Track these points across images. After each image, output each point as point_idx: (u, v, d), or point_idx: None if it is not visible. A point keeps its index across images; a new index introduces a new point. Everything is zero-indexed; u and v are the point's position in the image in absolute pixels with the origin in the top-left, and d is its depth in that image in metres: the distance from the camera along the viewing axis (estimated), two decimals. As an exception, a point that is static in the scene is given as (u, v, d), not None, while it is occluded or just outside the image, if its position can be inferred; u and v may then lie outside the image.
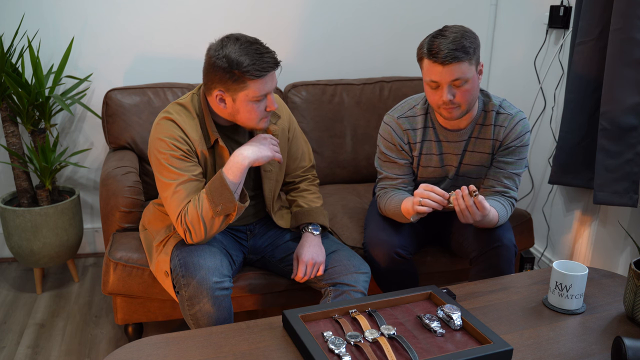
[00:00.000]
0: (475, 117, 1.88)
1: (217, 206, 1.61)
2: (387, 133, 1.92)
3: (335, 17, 2.81)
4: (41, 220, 2.35)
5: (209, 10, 2.66)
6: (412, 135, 1.91)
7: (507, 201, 1.90)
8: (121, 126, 2.37)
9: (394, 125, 1.92)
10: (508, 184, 1.90)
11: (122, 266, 1.89)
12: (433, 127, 1.91)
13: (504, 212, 1.85)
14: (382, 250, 1.89)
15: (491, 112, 1.88)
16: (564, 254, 2.57)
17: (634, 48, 1.98)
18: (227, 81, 1.60)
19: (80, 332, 2.25)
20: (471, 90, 1.73)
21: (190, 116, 1.71)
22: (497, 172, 1.91)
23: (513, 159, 1.89)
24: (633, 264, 1.49)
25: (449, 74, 1.67)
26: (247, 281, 1.93)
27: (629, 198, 2.09)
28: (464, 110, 1.77)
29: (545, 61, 2.61)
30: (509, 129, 1.87)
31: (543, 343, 1.41)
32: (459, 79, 1.68)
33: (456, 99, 1.72)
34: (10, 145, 2.39)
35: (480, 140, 1.90)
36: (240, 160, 1.63)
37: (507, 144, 1.88)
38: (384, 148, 1.94)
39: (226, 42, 1.60)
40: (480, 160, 1.93)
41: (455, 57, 1.65)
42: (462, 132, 1.89)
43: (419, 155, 1.93)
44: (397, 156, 1.93)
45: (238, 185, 1.64)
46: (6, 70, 2.26)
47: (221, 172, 1.63)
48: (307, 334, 1.34)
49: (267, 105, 1.67)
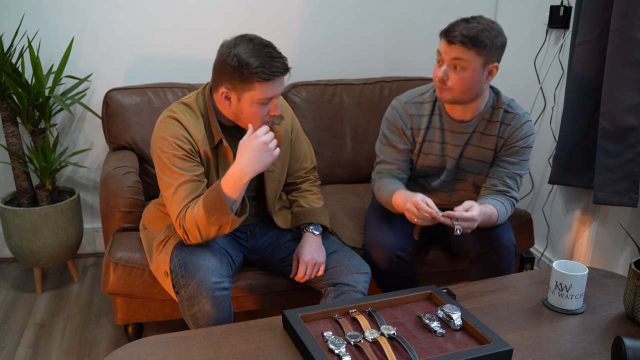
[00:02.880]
0: (483, 112, 1.89)
1: (211, 217, 1.59)
2: (393, 117, 1.95)
3: (335, 17, 2.81)
4: (41, 220, 2.35)
5: (209, 11, 2.66)
6: (417, 121, 1.93)
7: (508, 201, 1.90)
8: (121, 126, 2.37)
9: (400, 110, 1.94)
10: (510, 183, 1.90)
11: (122, 266, 1.89)
12: (440, 114, 1.91)
13: (503, 211, 1.85)
14: (382, 252, 1.89)
15: (499, 110, 1.89)
16: (564, 254, 2.57)
17: (634, 48, 1.98)
18: (234, 80, 1.60)
19: (80, 332, 2.25)
20: (468, 80, 1.74)
21: (195, 116, 1.71)
22: (499, 171, 1.91)
23: (517, 160, 1.90)
24: (633, 264, 1.49)
25: (451, 51, 1.71)
26: (247, 281, 1.93)
27: (629, 198, 2.09)
28: (454, 96, 1.78)
29: (545, 61, 2.61)
30: (515, 128, 1.88)
31: (543, 343, 1.41)
32: (459, 59, 1.71)
33: (449, 81, 1.75)
34: (10, 145, 2.39)
35: (485, 136, 1.91)
36: (240, 175, 1.57)
37: (512, 143, 1.89)
38: (387, 131, 1.95)
39: (240, 41, 1.60)
40: (483, 156, 1.93)
41: (462, 42, 1.69)
42: (467, 124, 1.89)
43: (422, 142, 1.94)
44: (398, 140, 1.94)
45: (234, 201, 1.60)
46: (6, 70, 2.26)
47: (218, 185, 1.58)
48: (307, 334, 1.34)
49: (271, 109, 1.66)
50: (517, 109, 1.91)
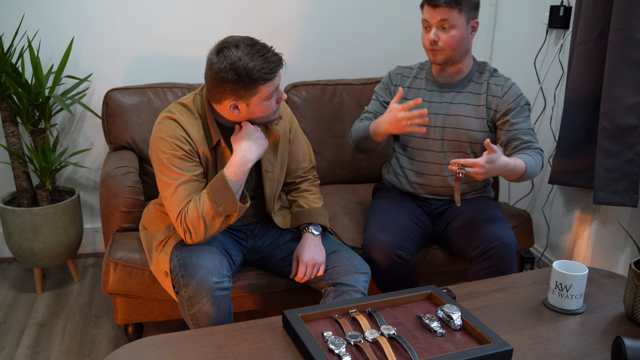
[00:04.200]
0: (469, 75, 2.06)
1: (218, 206, 1.61)
2: (385, 77, 2.21)
3: (335, 17, 2.81)
4: (41, 220, 2.35)
5: (209, 11, 2.67)
6: (400, 80, 2.16)
7: (534, 151, 1.96)
8: (121, 126, 2.37)
9: (391, 71, 2.20)
10: (528, 138, 1.99)
11: (122, 266, 1.89)
12: (426, 78, 2.11)
13: (530, 160, 1.90)
14: (382, 251, 1.89)
15: (486, 72, 2.07)
16: (564, 254, 2.57)
17: (634, 48, 1.98)
18: (238, 91, 1.60)
19: (80, 332, 2.25)
20: (457, 37, 1.93)
21: (193, 116, 1.71)
22: (513, 134, 2.00)
23: (522, 117, 2.00)
24: (633, 264, 1.49)
25: (437, 14, 1.91)
26: (247, 281, 1.93)
27: (629, 198, 2.09)
28: (447, 55, 1.96)
29: (545, 61, 2.61)
30: (507, 88, 2.02)
31: (543, 343, 1.41)
32: (445, 20, 1.90)
33: (440, 41, 1.94)
34: (10, 145, 2.39)
35: (473, 94, 2.05)
36: (243, 161, 1.64)
37: (511, 102, 2.00)
38: (377, 88, 2.21)
39: (226, 52, 1.57)
40: (475, 113, 2.02)
41: (446, 2, 1.88)
42: (453, 84, 2.07)
43: (403, 98, 2.10)
44: (382, 94, 2.17)
45: (240, 185, 1.65)
46: (6, 70, 2.26)
47: (222, 173, 1.63)
48: (307, 334, 1.34)
49: (278, 97, 1.69)
50: (502, 75, 2.07)
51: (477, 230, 1.93)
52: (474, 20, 1.96)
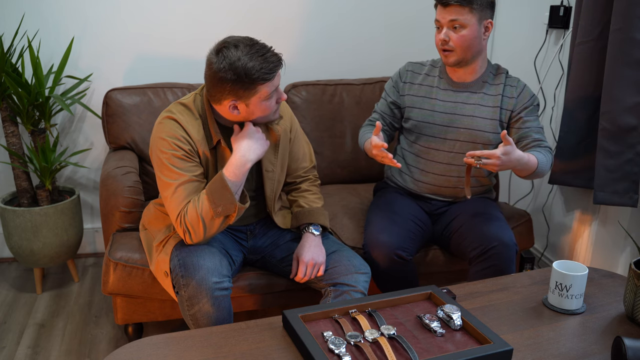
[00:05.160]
0: (483, 75, 2.04)
1: (217, 207, 1.61)
2: (395, 74, 2.18)
3: (335, 17, 2.81)
4: (41, 220, 2.35)
5: (209, 11, 2.67)
6: (411, 77, 2.13)
7: (545, 149, 1.98)
8: (121, 126, 2.37)
9: (401, 68, 2.17)
10: (539, 137, 2.01)
11: (122, 266, 1.89)
12: (439, 76, 2.09)
13: (542, 157, 1.92)
14: (382, 251, 1.89)
15: (501, 74, 2.06)
16: (564, 254, 2.57)
17: (634, 48, 1.98)
18: (238, 90, 1.60)
19: (80, 332, 2.25)
20: (467, 37, 1.90)
21: (193, 116, 1.71)
22: (524, 132, 2.02)
23: (533, 117, 2.03)
24: (633, 264, 1.49)
25: (447, 14, 1.89)
26: (247, 281, 1.93)
27: (629, 198, 2.09)
28: (459, 57, 1.94)
29: (545, 61, 2.61)
30: (521, 89, 2.03)
31: (543, 343, 1.41)
32: (456, 20, 1.88)
33: (451, 42, 1.92)
34: (10, 145, 2.39)
35: (487, 96, 2.04)
36: (243, 162, 1.64)
37: (525, 102, 2.02)
38: (387, 85, 2.19)
39: (225, 52, 1.58)
40: (489, 115, 2.01)
41: (457, 1, 1.86)
42: (468, 84, 2.04)
43: (410, 94, 2.10)
44: (390, 94, 2.16)
45: (239, 185, 1.64)
46: (6, 70, 2.26)
47: (221, 173, 1.63)
48: (307, 334, 1.34)
49: (278, 97, 1.69)
50: (513, 76, 2.08)
51: (477, 231, 1.93)
52: (487, 21, 1.93)
